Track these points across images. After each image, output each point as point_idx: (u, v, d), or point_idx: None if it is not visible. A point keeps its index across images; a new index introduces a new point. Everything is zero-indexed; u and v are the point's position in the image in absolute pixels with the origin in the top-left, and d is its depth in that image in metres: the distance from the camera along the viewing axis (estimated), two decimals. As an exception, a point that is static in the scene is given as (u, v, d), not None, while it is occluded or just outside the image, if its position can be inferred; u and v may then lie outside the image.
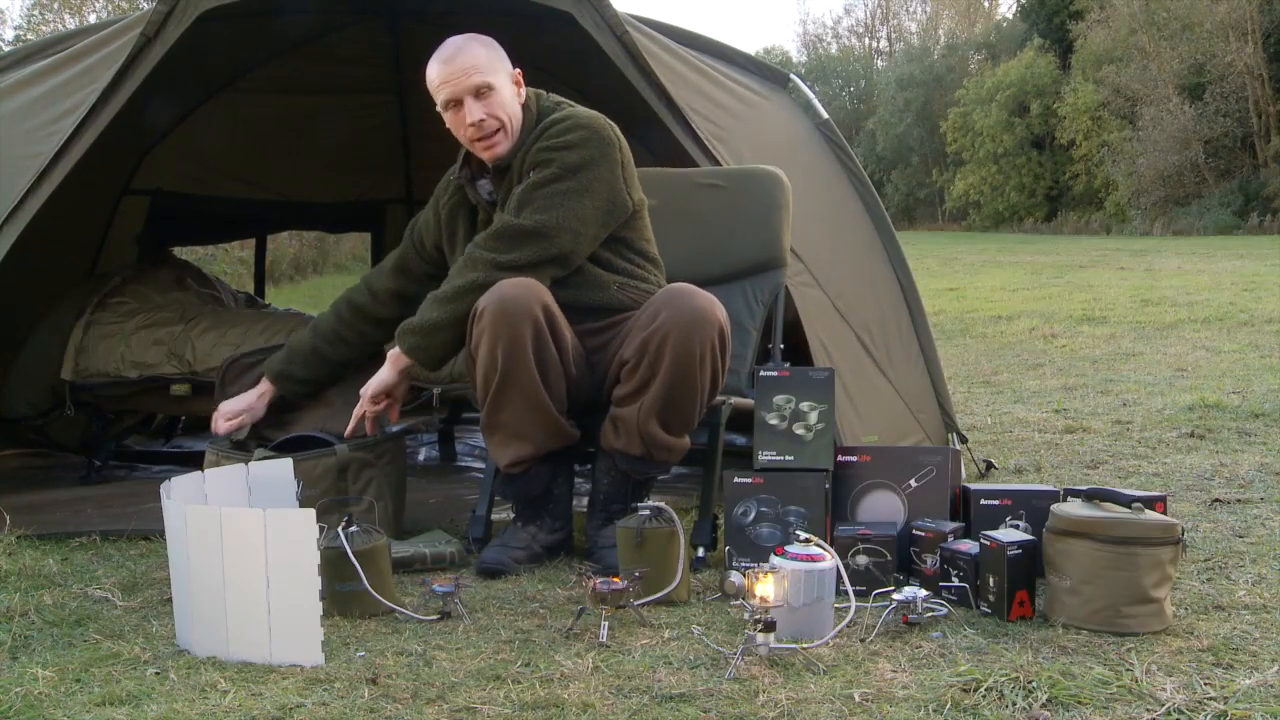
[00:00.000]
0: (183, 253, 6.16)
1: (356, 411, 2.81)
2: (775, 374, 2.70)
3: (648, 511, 2.41)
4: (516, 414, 2.60)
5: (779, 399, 2.67)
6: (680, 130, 3.22)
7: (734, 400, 2.87)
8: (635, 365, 2.55)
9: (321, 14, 4.78)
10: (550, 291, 2.60)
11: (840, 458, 2.73)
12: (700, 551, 2.70)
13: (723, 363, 2.61)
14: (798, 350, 3.29)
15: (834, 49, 50.55)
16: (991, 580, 2.28)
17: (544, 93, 2.80)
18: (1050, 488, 2.65)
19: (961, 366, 6.63)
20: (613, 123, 2.71)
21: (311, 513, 2.07)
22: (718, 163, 3.23)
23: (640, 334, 2.54)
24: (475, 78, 2.61)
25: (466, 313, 2.58)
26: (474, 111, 2.62)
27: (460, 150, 2.80)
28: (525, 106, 2.72)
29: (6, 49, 8.14)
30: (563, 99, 2.80)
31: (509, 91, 2.67)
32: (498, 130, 2.65)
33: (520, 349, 2.52)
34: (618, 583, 2.18)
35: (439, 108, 2.69)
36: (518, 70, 2.71)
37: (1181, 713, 1.77)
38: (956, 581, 2.36)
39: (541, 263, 2.60)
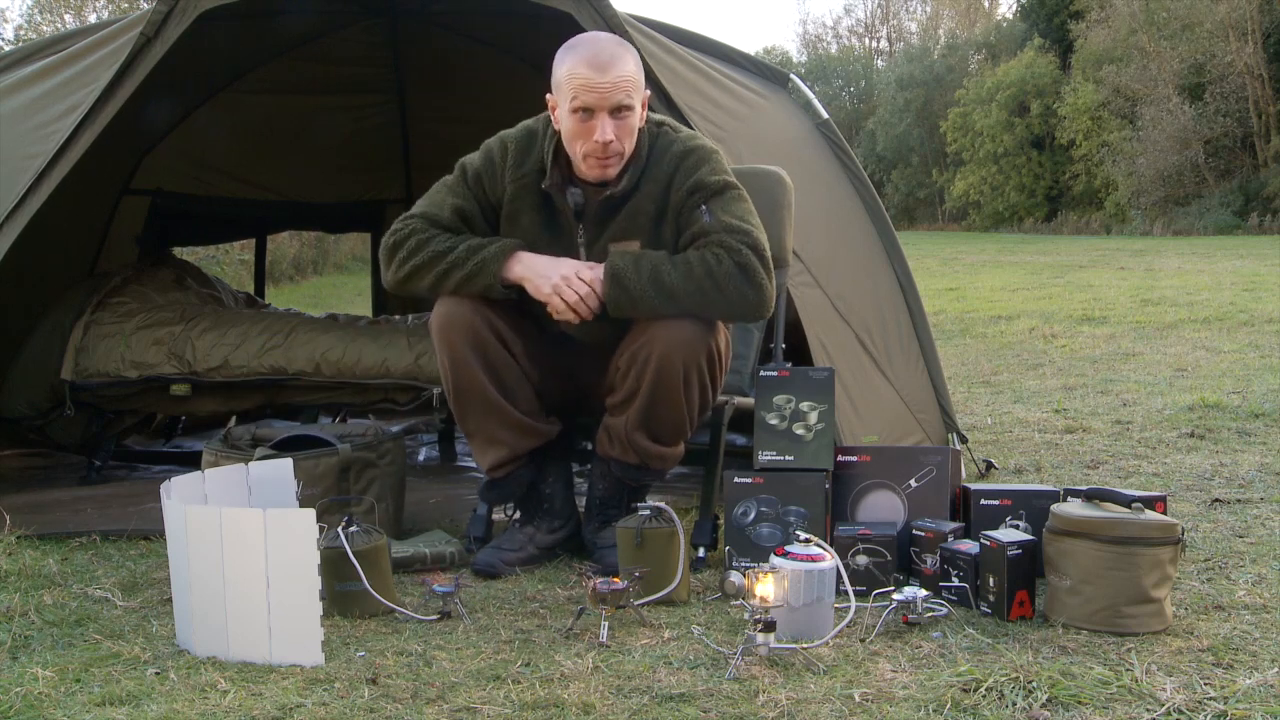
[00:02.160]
0: (183, 253, 6.16)
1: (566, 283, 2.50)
2: (775, 374, 2.70)
3: (648, 512, 2.41)
4: (479, 421, 2.64)
5: (779, 399, 2.67)
6: (680, 130, 3.22)
7: (735, 400, 2.87)
8: (625, 373, 2.56)
9: (321, 14, 4.79)
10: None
11: (840, 458, 2.73)
12: (700, 551, 2.70)
13: (713, 380, 2.59)
14: (798, 350, 3.29)
15: (834, 49, 50.46)
16: (991, 580, 2.28)
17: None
18: (1050, 488, 2.65)
19: (961, 366, 6.63)
20: None
21: (311, 513, 2.08)
22: (718, 163, 3.23)
23: (632, 343, 2.54)
24: (622, 97, 2.44)
25: (664, 309, 2.46)
26: (606, 131, 2.45)
27: (545, 142, 2.61)
28: (640, 128, 2.57)
29: (7, 49, 8.13)
30: (660, 116, 2.72)
31: (639, 118, 2.52)
32: (618, 155, 2.51)
33: (461, 361, 2.56)
34: (618, 583, 2.18)
35: (566, 104, 2.48)
36: (649, 93, 2.58)
37: (1181, 713, 1.77)
38: (956, 581, 2.36)
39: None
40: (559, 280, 2.49)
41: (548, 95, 2.56)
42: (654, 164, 2.58)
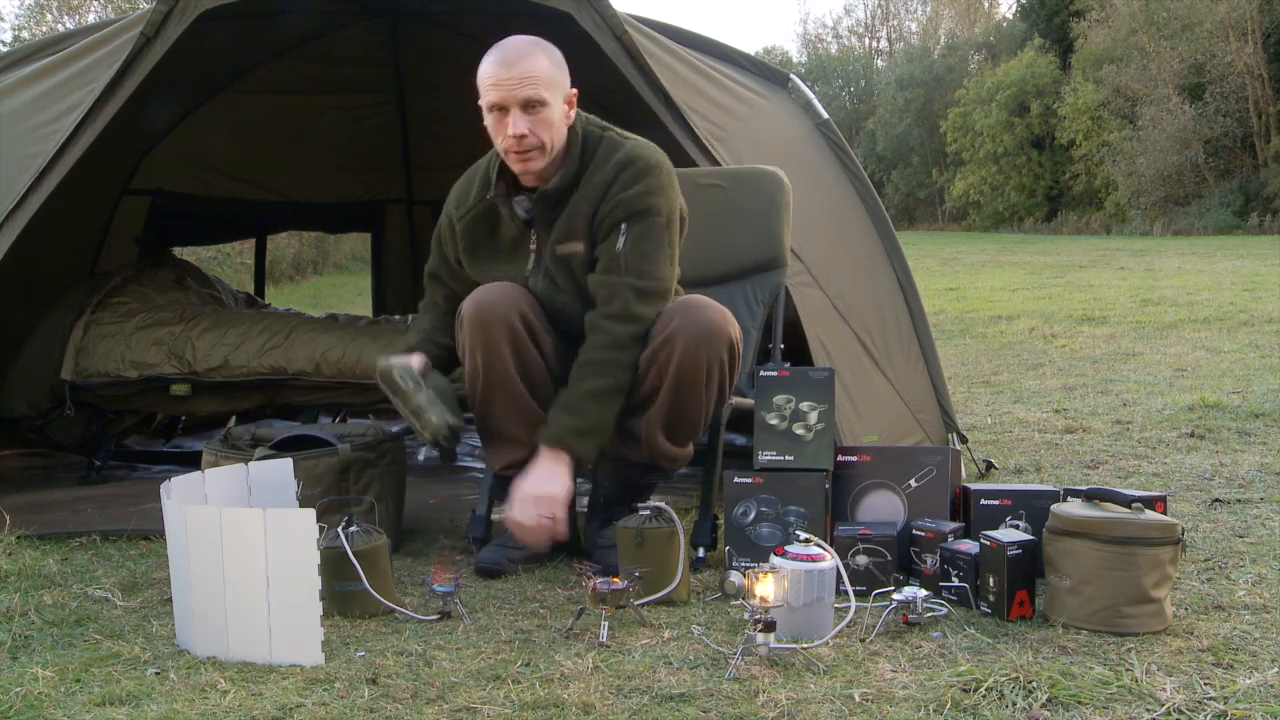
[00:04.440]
0: (184, 255, 6.16)
1: (541, 525, 2.49)
2: (775, 374, 2.70)
3: (648, 512, 2.41)
4: (504, 418, 2.63)
5: (779, 399, 2.67)
6: (679, 130, 3.22)
7: (735, 400, 2.87)
8: (644, 373, 2.55)
9: (321, 14, 4.79)
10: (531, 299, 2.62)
11: (840, 458, 2.73)
12: (700, 551, 2.70)
13: (731, 377, 2.61)
14: (798, 350, 3.29)
15: (834, 49, 50.54)
16: (991, 580, 2.28)
17: (582, 113, 2.70)
18: (1050, 488, 2.64)
19: (961, 366, 6.63)
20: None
21: (311, 513, 2.07)
22: (717, 163, 3.23)
23: (650, 343, 2.54)
24: (529, 90, 2.48)
25: (613, 407, 2.52)
26: (518, 124, 2.50)
27: (489, 163, 2.70)
28: (571, 128, 2.60)
29: (5, 49, 8.13)
30: (605, 123, 2.72)
31: (559, 111, 2.55)
32: (537, 148, 2.54)
33: (497, 355, 2.55)
34: (618, 583, 2.18)
35: (484, 106, 2.56)
36: (574, 90, 2.60)
37: (1181, 713, 1.77)
38: (956, 581, 2.36)
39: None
40: None
41: (479, 101, 2.58)
42: (595, 167, 2.60)
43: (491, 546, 2.71)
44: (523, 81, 2.49)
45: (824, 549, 2.21)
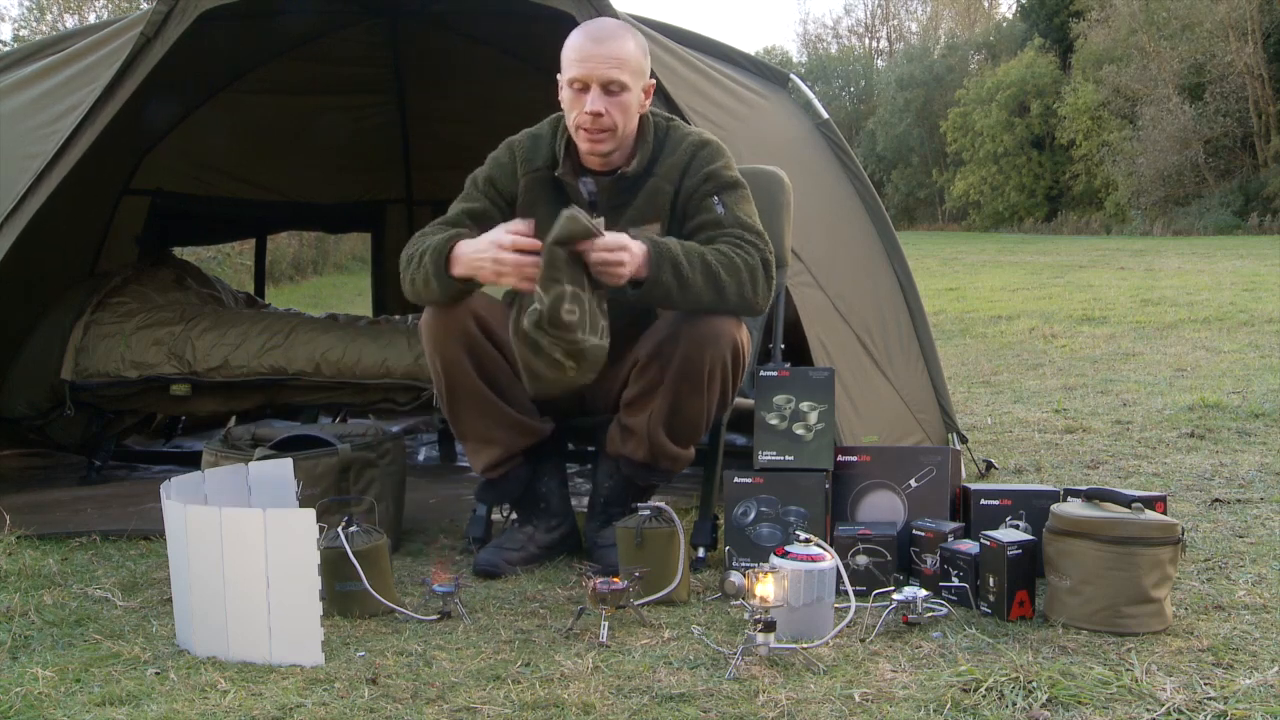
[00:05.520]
0: (184, 255, 6.16)
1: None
2: (775, 374, 2.70)
3: (648, 512, 2.41)
4: (473, 421, 2.64)
5: (779, 399, 2.67)
6: (680, 130, 3.22)
7: (736, 400, 2.87)
8: (645, 366, 2.56)
9: (321, 14, 4.79)
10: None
11: (840, 458, 2.73)
12: (700, 551, 2.70)
13: (734, 379, 2.60)
14: (798, 350, 3.29)
15: (834, 49, 50.51)
16: (991, 580, 2.28)
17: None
18: (1050, 488, 2.65)
19: (961, 366, 6.63)
20: None
21: (311, 513, 2.08)
22: (718, 163, 3.22)
23: (655, 337, 2.54)
24: (614, 72, 2.50)
25: (703, 296, 2.43)
26: (596, 103, 2.50)
27: (557, 134, 2.66)
28: (644, 117, 2.63)
29: (5, 49, 8.12)
30: (669, 114, 2.77)
31: (636, 100, 2.56)
32: (609, 130, 2.54)
33: (455, 360, 2.56)
34: (618, 583, 2.18)
35: (562, 80, 2.57)
36: (653, 82, 2.65)
37: (1181, 713, 1.77)
38: (956, 581, 2.36)
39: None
40: (490, 263, 2.37)
41: (558, 75, 2.60)
42: (669, 151, 2.64)
43: (490, 547, 2.71)
44: (608, 61, 2.51)
45: (824, 549, 2.21)
